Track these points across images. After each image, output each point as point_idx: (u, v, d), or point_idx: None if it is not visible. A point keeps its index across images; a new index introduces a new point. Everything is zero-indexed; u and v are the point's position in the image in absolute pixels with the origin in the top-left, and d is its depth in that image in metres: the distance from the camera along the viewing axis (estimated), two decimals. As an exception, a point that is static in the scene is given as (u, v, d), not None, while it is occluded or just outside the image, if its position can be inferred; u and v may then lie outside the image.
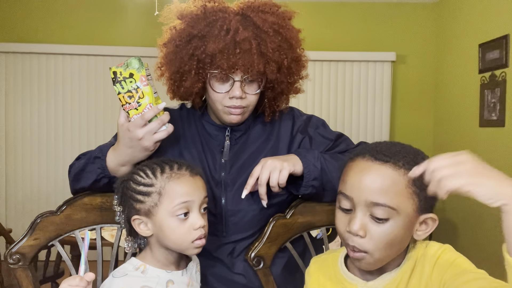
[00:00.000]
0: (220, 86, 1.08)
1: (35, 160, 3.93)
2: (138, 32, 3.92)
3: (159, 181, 0.92)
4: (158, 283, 0.93)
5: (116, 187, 0.97)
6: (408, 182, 0.79)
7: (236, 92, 1.06)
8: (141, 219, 0.93)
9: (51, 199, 3.88)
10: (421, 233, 0.83)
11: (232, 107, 1.08)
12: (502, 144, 3.02)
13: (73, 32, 3.92)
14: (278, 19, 1.09)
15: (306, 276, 0.99)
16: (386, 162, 0.80)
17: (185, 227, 0.92)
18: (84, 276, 0.83)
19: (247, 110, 1.11)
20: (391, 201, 0.78)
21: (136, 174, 0.95)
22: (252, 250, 1.10)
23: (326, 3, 3.99)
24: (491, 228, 3.13)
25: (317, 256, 1.02)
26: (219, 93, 1.08)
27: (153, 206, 0.92)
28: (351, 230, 0.81)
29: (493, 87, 3.09)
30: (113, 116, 3.97)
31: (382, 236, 0.80)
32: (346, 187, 0.84)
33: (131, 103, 1.02)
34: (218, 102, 1.09)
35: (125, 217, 0.96)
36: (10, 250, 1.08)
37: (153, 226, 0.93)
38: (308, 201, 1.15)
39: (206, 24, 1.06)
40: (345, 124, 4.03)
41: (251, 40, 1.03)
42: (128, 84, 1.02)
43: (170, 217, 0.91)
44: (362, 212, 0.81)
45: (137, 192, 0.92)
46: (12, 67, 3.89)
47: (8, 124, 3.92)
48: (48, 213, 1.11)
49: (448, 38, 3.78)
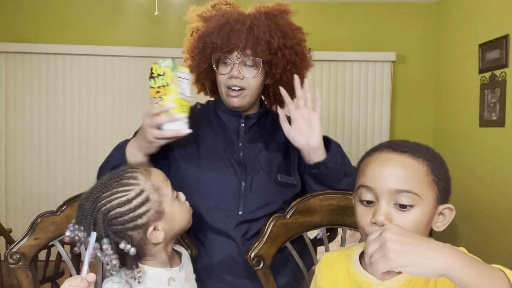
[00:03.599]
0: (222, 69, 1.21)
1: (35, 160, 3.93)
2: (138, 32, 3.92)
3: (143, 182, 0.91)
4: (160, 283, 0.93)
5: (99, 234, 0.86)
6: (427, 170, 0.82)
7: (234, 72, 1.18)
8: (154, 225, 0.91)
9: (51, 199, 3.88)
10: (440, 224, 0.86)
11: (231, 86, 1.20)
12: (502, 144, 3.02)
13: (73, 32, 3.92)
14: (273, 11, 1.22)
15: (317, 271, 0.98)
16: (405, 152, 0.83)
17: (179, 205, 0.96)
18: (85, 277, 0.82)
19: (247, 94, 1.21)
20: (414, 187, 0.80)
21: (116, 199, 0.87)
22: (252, 250, 1.10)
23: (326, 3, 3.99)
24: (491, 228, 3.14)
25: (329, 253, 1.00)
26: (222, 75, 1.21)
27: (160, 204, 0.92)
28: (377, 220, 0.81)
29: (493, 87, 3.09)
30: (113, 116, 3.97)
31: (408, 224, 0.80)
32: (367, 179, 0.85)
33: (156, 97, 1.08)
34: (222, 84, 1.22)
35: (118, 251, 0.87)
36: (10, 250, 1.08)
37: (164, 224, 0.92)
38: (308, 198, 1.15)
39: (214, 14, 1.23)
40: (345, 124, 4.03)
41: (244, 22, 1.17)
42: (159, 80, 1.08)
43: (172, 203, 0.94)
44: (386, 202, 0.81)
45: (133, 209, 0.87)
46: (12, 67, 3.89)
47: (8, 124, 3.92)
48: (48, 213, 1.11)
49: (448, 38, 3.78)
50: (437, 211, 0.84)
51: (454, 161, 3.62)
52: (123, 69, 3.97)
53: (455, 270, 0.66)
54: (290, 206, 1.15)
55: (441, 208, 0.84)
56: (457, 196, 3.73)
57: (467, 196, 3.43)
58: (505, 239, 2.94)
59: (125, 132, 3.96)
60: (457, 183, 3.57)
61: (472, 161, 3.37)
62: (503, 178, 3.00)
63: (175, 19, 3.89)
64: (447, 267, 0.66)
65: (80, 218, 0.89)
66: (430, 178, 0.82)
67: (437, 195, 0.83)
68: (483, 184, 3.23)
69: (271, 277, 1.13)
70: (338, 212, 1.16)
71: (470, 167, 3.40)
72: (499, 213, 3.04)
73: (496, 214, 3.07)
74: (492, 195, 3.13)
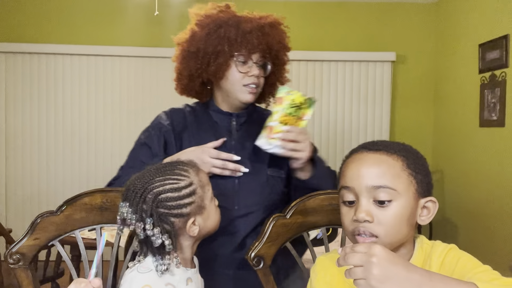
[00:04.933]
0: (241, 67, 1.28)
1: (35, 160, 3.93)
2: (138, 32, 3.92)
3: (193, 176, 0.96)
4: (179, 281, 0.94)
5: (145, 213, 0.90)
6: (402, 165, 0.85)
7: (255, 71, 1.27)
8: (194, 218, 0.95)
9: (51, 199, 3.88)
10: (424, 218, 0.87)
11: (250, 84, 1.28)
12: (502, 144, 3.02)
13: (73, 32, 3.92)
14: (275, 23, 1.33)
15: (312, 273, 0.99)
16: (379, 150, 0.87)
17: (215, 207, 1.01)
18: (91, 281, 0.81)
19: (257, 91, 1.31)
20: (390, 183, 0.83)
21: (169, 185, 0.92)
22: (252, 250, 1.11)
23: (326, 3, 3.99)
24: (491, 228, 3.14)
25: (323, 255, 1.02)
26: (241, 73, 1.27)
27: (202, 199, 0.96)
28: (357, 217, 0.83)
29: (493, 87, 3.09)
30: (113, 116, 3.97)
31: (389, 218, 0.83)
32: (346, 180, 0.88)
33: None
34: (238, 81, 1.28)
35: (164, 235, 0.91)
36: (10, 250, 1.08)
37: (201, 220, 0.96)
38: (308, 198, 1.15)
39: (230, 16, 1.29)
40: (345, 124, 4.03)
41: (272, 26, 1.29)
42: (294, 110, 1.21)
43: (210, 203, 0.99)
44: (365, 199, 0.84)
45: (181, 197, 0.92)
46: (12, 67, 3.89)
47: (8, 124, 3.92)
48: (48, 213, 1.11)
49: (448, 38, 3.78)
50: (419, 204, 0.86)
51: (454, 161, 3.62)
52: (123, 69, 3.97)
53: None
54: (290, 206, 1.15)
55: (423, 201, 0.86)
56: (457, 196, 3.73)
57: (467, 196, 3.43)
58: (505, 239, 2.94)
59: (125, 132, 3.97)
60: (457, 183, 3.58)
61: (472, 161, 3.37)
62: (503, 178, 3.00)
63: (175, 19, 3.89)
64: None
65: (129, 195, 0.92)
66: (407, 172, 0.85)
67: (416, 188, 0.85)
68: (483, 184, 3.23)
69: (271, 277, 1.13)
70: (338, 212, 1.16)
71: (470, 167, 3.40)
72: (499, 213, 3.04)
73: (496, 214, 3.07)
74: (492, 195, 3.13)
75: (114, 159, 3.94)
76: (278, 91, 1.23)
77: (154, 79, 3.96)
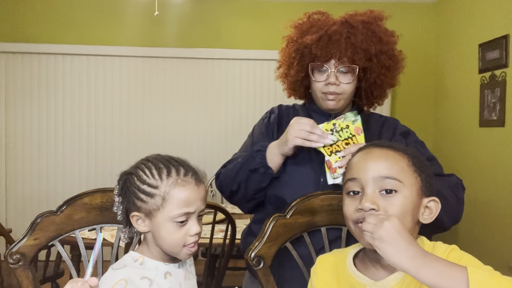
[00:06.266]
0: (319, 76, 1.29)
1: (35, 160, 3.93)
2: (138, 32, 3.92)
3: (164, 185, 0.92)
4: (156, 275, 0.94)
5: (120, 178, 0.98)
6: (408, 161, 0.88)
7: (331, 79, 1.26)
8: (140, 216, 0.94)
9: (51, 199, 3.88)
10: (426, 217, 0.89)
11: (328, 93, 1.28)
12: (502, 144, 3.02)
13: (73, 32, 3.92)
14: (369, 18, 1.31)
15: (312, 274, 0.99)
16: (385, 147, 0.91)
17: (181, 232, 0.93)
18: (87, 281, 0.80)
19: (342, 98, 1.30)
20: (396, 174, 0.86)
21: (141, 171, 0.94)
22: (252, 250, 1.10)
23: (326, 3, 3.98)
24: (491, 228, 3.14)
25: (323, 255, 1.02)
26: (318, 82, 1.29)
27: (155, 209, 0.92)
28: (363, 206, 0.85)
29: (493, 87, 3.09)
30: (113, 116, 3.97)
31: (395, 208, 0.84)
32: (352, 172, 0.90)
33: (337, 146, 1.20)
34: (318, 90, 1.30)
35: (123, 209, 0.97)
36: (10, 250, 1.08)
37: (150, 225, 0.94)
38: (308, 198, 1.15)
39: (309, 25, 1.32)
40: (345, 124, 4.03)
41: (341, 32, 1.26)
42: (344, 133, 1.20)
43: (169, 221, 0.92)
44: (371, 189, 0.86)
45: (141, 190, 0.92)
46: (12, 67, 3.89)
47: (8, 124, 3.92)
48: (48, 213, 1.11)
49: (448, 38, 3.78)
50: (422, 203, 0.88)
51: (454, 161, 3.62)
52: (123, 69, 3.97)
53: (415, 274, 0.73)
54: (290, 206, 1.15)
55: (426, 201, 0.88)
56: (457, 196, 3.70)
57: (467, 196, 3.43)
58: (505, 239, 2.94)
59: (125, 131, 3.97)
60: (457, 183, 3.42)
61: (472, 161, 3.37)
62: (503, 178, 3.00)
63: (175, 19, 3.90)
64: (408, 269, 0.74)
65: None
66: (412, 169, 0.87)
67: (420, 185, 0.87)
68: (483, 184, 3.23)
69: (271, 277, 1.13)
70: (338, 212, 1.16)
71: (470, 167, 3.40)
72: (499, 213, 3.04)
73: (496, 214, 3.07)
74: (492, 195, 3.13)
75: (114, 159, 3.94)
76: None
77: (154, 79, 3.96)
